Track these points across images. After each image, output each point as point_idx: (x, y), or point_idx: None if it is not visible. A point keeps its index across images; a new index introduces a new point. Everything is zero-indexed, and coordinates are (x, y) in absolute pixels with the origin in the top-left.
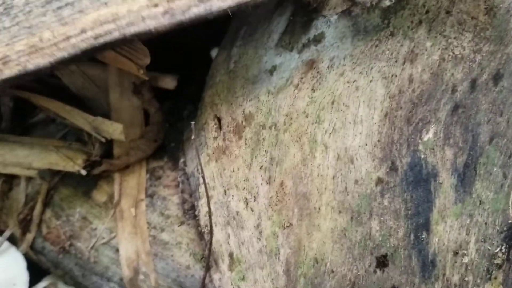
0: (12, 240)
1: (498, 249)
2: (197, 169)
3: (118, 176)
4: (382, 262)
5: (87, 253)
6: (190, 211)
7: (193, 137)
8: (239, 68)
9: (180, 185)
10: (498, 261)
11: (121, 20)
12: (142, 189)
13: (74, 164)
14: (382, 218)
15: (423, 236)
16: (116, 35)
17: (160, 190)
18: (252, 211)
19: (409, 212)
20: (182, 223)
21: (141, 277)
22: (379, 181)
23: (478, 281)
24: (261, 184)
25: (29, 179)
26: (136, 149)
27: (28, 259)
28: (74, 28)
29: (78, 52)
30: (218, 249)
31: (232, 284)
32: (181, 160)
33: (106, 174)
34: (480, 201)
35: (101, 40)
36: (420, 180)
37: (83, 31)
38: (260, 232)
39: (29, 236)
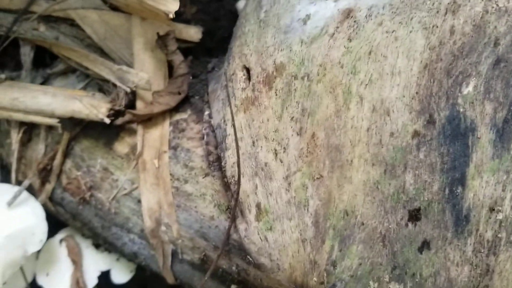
0: (31, 191)
1: None
2: (224, 121)
3: (140, 128)
4: (414, 216)
5: (107, 204)
6: (215, 163)
7: (224, 83)
8: (270, 17)
9: (205, 137)
10: None
11: None
12: (165, 141)
13: (97, 112)
14: (417, 172)
15: (458, 190)
16: None
17: (183, 142)
18: (282, 162)
19: (445, 166)
20: (206, 174)
21: (163, 228)
22: (416, 134)
23: (511, 238)
24: (292, 135)
25: (49, 129)
26: (160, 101)
27: (46, 210)
28: None
29: None
30: (245, 199)
31: (258, 234)
32: (206, 113)
33: (128, 126)
34: None
35: None
36: (458, 134)
37: None
38: (289, 184)
39: (48, 187)
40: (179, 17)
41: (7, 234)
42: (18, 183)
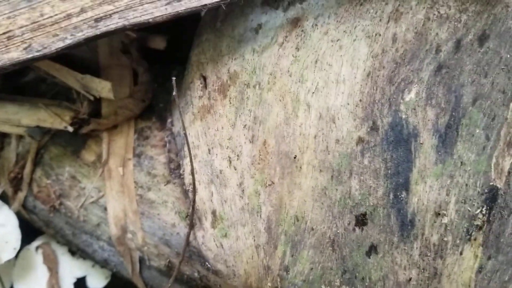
0: (5, 199)
1: (479, 210)
2: (183, 128)
3: (106, 135)
4: (361, 221)
5: (76, 212)
6: (176, 170)
7: (174, 93)
8: (225, 27)
9: (167, 144)
10: (478, 222)
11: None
12: (130, 149)
13: (61, 121)
14: (362, 177)
15: (403, 195)
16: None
17: (147, 149)
18: (235, 169)
19: (389, 171)
20: (168, 182)
21: (129, 235)
22: (360, 140)
23: (458, 241)
24: (245, 143)
25: (20, 138)
26: (124, 108)
27: (21, 218)
28: (73, 6)
29: (81, 40)
30: (201, 207)
31: (214, 241)
32: (169, 120)
33: (94, 134)
34: (462, 162)
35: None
36: (400, 140)
37: (82, 10)
38: (243, 190)
39: (21, 195)
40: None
41: None
42: None
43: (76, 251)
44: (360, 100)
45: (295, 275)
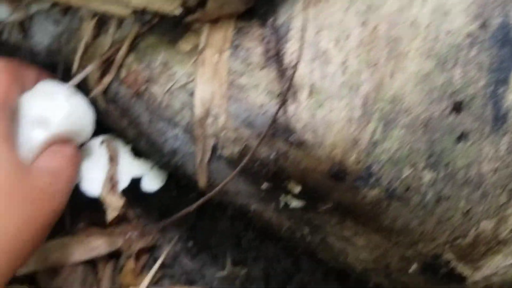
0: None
1: None
2: (290, 18)
3: (206, 28)
4: (458, 107)
5: (160, 97)
6: (273, 57)
7: None
8: None
9: (266, 38)
10: None
11: None
12: (228, 42)
13: (171, 4)
14: (465, 68)
15: (501, 90)
16: None
17: (245, 42)
18: (341, 49)
19: (492, 66)
20: (263, 67)
21: (210, 119)
22: (469, 35)
23: None
24: (355, 26)
25: (119, 24)
26: (229, 3)
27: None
28: None
29: None
30: (299, 82)
31: (308, 111)
32: (271, 19)
33: (195, 28)
34: None
35: None
36: (508, 40)
37: None
38: (345, 68)
39: (107, 79)
40: None
41: (59, 130)
42: None
43: (144, 145)
44: (474, 0)
45: (382, 151)
